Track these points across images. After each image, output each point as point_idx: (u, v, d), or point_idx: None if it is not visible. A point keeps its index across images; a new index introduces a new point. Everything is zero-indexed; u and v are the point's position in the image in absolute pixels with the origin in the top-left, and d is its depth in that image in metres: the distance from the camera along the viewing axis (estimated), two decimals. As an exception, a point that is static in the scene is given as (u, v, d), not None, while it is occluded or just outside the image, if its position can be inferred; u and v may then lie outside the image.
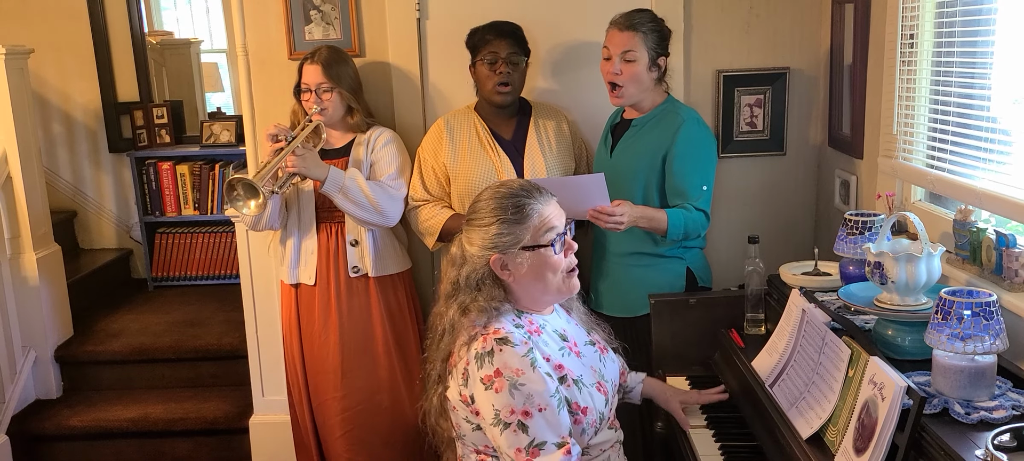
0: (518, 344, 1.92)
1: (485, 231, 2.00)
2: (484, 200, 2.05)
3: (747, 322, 2.66)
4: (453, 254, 2.08)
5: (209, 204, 4.95)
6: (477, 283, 2.01)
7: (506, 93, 2.99)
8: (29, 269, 3.96)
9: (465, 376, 1.96)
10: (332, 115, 3.05)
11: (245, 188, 2.78)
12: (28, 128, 4.03)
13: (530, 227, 1.99)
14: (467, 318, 1.99)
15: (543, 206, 2.02)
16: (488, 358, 1.92)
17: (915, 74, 2.58)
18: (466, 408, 1.98)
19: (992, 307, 1.77)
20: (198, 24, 6.04)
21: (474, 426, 2.00)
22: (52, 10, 4.96)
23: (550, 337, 2.06)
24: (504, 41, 2.97)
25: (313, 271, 3.12)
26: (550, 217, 2.02)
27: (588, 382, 2.05)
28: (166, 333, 4.22)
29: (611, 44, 2.80)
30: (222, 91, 5.86)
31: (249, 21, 3.35)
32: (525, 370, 1.90)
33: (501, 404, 1.90)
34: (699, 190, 2.83)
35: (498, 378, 1.90)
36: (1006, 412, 1.75)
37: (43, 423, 3.84)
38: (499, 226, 1.99)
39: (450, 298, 2.05)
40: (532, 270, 2.01)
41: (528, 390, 1.89)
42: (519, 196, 2.02)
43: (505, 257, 1.99)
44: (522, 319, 2.03)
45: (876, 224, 2.38)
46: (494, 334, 1.94)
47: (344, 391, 3.18)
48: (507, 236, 1.98)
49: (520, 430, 1.89)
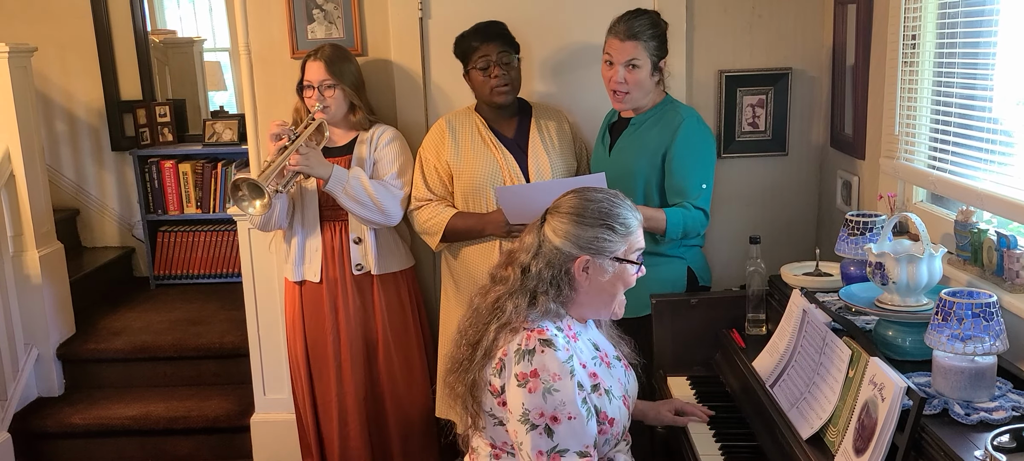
0: (560, 349, 1.93)
1: (582, 229, 1.99)
2: (586, 199, 2.03)
3: (748, 322, 2.66)
4: (528, 242, 2.04)
5: (211, 203, 4.96)
6: (552, 278, 1.99)
7: (506, 93, 2.99)
8: (32, 267, 3.97)
9: (500, 366, 1.96)
10: (335, 112, 3.05)
11: (250, 188, 2.78)
12: (31, 126, 4.04)
13: (628, 241, 2.03)
14: (533, 309, 1.98)
15: (639, 226, 2.07)
16: (528, 356, 1.92)
17: (917, 75, 2.58)
18: (493, 399, 1.98)
19: (992, 308, 1.77)
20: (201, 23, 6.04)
21: (496, 421, 2.00)
22: (55, 8, 4.97)
23: (585, 345, 2.06)
24: (492, 44, 2.95)
25: (317, 269, 3.12)
26: (640, 238, 2.07)
27: (617, 394, 2.06)
28: (168, 331, 4.23)
29: (614, 53, 2.79)
30: (225, 90, 5.86)
31: (252, 20, 3.35)
32: (563, 376, 1.91)
33: (532, 404, 1.90)
34: (699, 188, 2.83)
35: (533, 379, 1.90)
36: (1006, 413, 1.75)
37: (45, 421, 3.85)
38: (602, 230, 1.99)
39: (519, 283, 2.00)
40: (610, 281, 2.03)
41: (561, 397, 1.90)
42: (624, 207, 2.04)
43: (593, 261, 2.00)
44: (563, 323, 2.02)
45: (877, 225, 2.38)
46: (538, 333, 1.93)
47: (347, 388, 3.19)
48: (607, 242, 2.00)
49: (546, 434, 1.90)
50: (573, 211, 2.01)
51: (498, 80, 2.95)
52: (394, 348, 3.19)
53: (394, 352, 3.19)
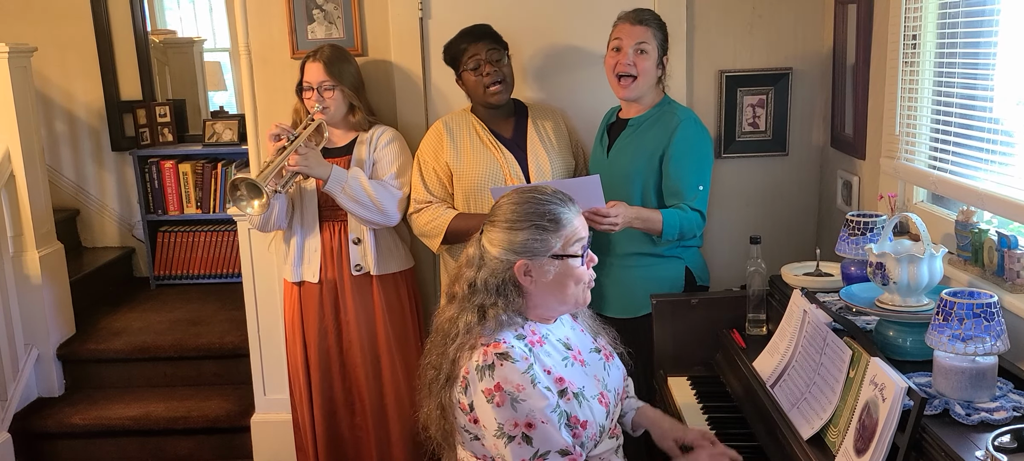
0: (518, 359, 1.91)
1: (514, 235, 1.96)
2: (514, 203, 2.00)
3: (749, 323, 2.66)
4: (470, 255, 2.03)
5: (211, 203, 4.96)
6: (497, 287, 1.96)
7: (500, 90, 2.98)
8: (32, 267, 3.97)
9: (465, 384, 1.95)
10: (334, 113, 3.05)
11: (248, 188, 2.78)
12: (31, 127, 4.04)
13: (562, 235, 1.97)
14: (485, 324, 1.95)
15: (574, 216, 2.01)
16: (488, 372, 1.90)
17: (917, 75, 2.57)
18: (465, 416, 1.97)
19: (993, 308, 1.77)
20: (201, 23, 6.05)
21: (472, 436, 1.99)
22: (55, 9, 4.97)
23: (553, 347, 2.03)
24: (480, 43, 2.96)
25: (316, 269, 3.12)
26: (578, 228, 2.01)
27: (590, 394, 2.02)
28: (168, 331, 4.23)
29: (624, 36, 2.81)
30: (225, 90, 5.86)
31: (252, 20, 3.35)
32: (525, 386, 1.89)
33: (504, 418, 1.89)
34: (695, 189, 2.83)
35: (499, 392, 1.89)
36: (1007, 413, 1.75)
37: (45, 421, 3.85)
38: (532, 231, 1.96)
39: (466, 300, 1.99)
40: (556, 279, 1.98)
41: (529, 405, 1.89)
42: (553, 203, 1.99)
43: (531, 263, 1.96)
44: (525, 329, 2.00)
45: (878, 225, 2.38)
46: (494, 348, 1.91)
47: (346, 389, 3.19)
48: (539, 242, 1.95)
49: (524, 442, 1.90)
50: (504, 218, 1.99)
51: (490, 77, 2.95)
52: (395, 349, 3.19)
53: (395, 353, 3.19)
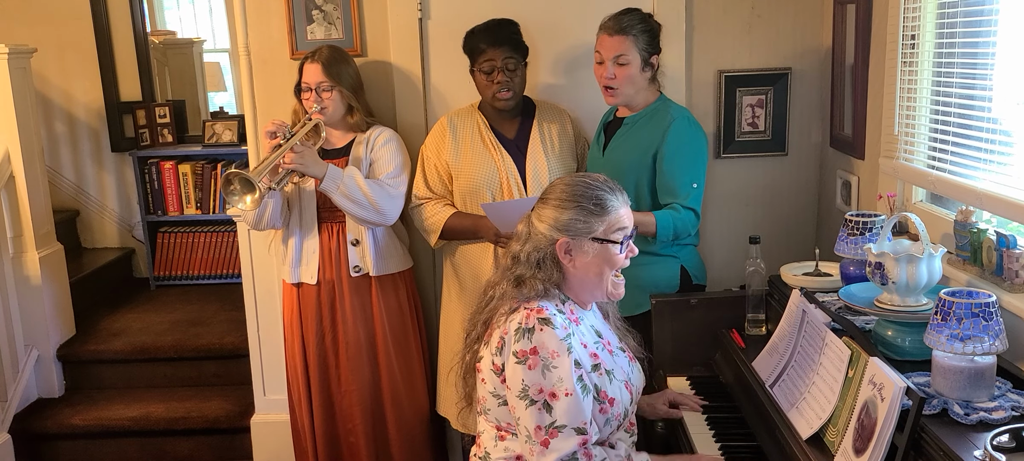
0: (558, 327, 1.98)
1: (561, 213, 2.05)
2: (566, 185, 2.09)
3: (748, 322, 2.66)
4: (519, 231, 2.12)
5: (211, 203, 4.96)
6: (538, 262, 2.05)
7: (507, 99, 2.99)
8: (32, 268, 3.97)
9: (500, 345, 2.02)
10: (332, 114, 3.05)
11: (242, 182, 2.78)
12: (31, 127, 4.05)
13: (605, 221, 2.05)
14: (519, 291, 2.04)
15: (621, 207, 2.09)
16: (528, 334, 1.97)
17: (916, 75, 2.58)
18: (495, 378, 2.03)
19: (991, 308, 1.77)
20: (201, 24, 6.05)
21: (500, 401, 2.04)
22: (55, 10, 4.97)
23: (587, 330, 2.11)
24: (499, 49, 2.96)
25: (315, 270, 3.12)
26: (623, 217, 2.09)
27: (619, 377, 2.10)
28: (168, 332, 4.23)
29: (602, 49, 2.81)
30: (224, 91, 5.87)
31: (251, 21, 3.35)
32: (561, 354, 1.96)
33: (531, 381, 1.95)
34: (689, 188, 2.83)
35: (533, 356, 1.95)
36: (1005, 413, 1.75)
37: (45, 422, 3.85)
38: (577, 212, 2.04)
39: (508, 270, 2.09)
40: (594, 262, 2.06)
41: (559, 373, 1.95)
42: (602, 189, 2.08)
43: (573, 243, 2.04)
44: (565, 307, 2.08)
45: (877, 225, 2.38)
46: (537, 313, 1.99)
47: (346, 390, 3.19)
48: (582, 223, 2.04)
49: (544, 410, 1.95)
50: (556, 197, 2.08)
51: (500, 86, 2.96)
52: (393, 349, 3.19)
53: (393, 354, 3.19)
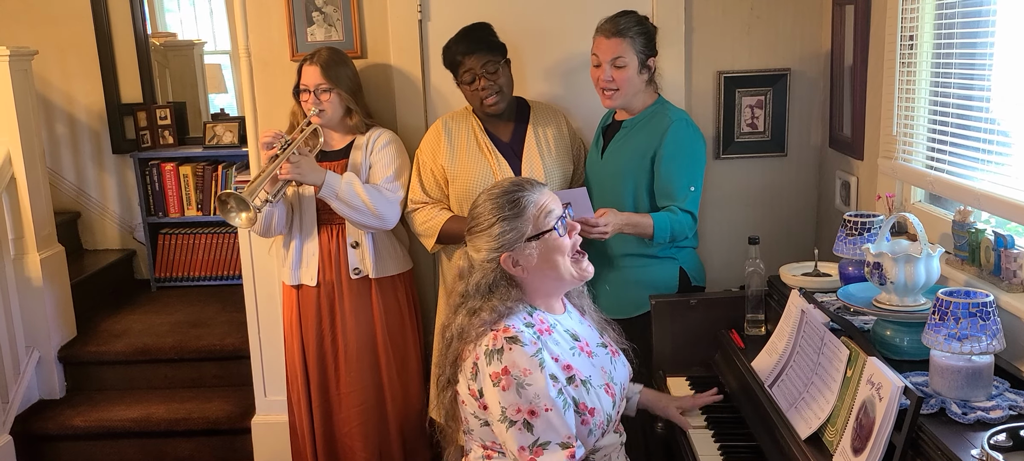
0: (527, 344, 1.95)
1: (488, 234, 2.03)
2: (480, 206, 2.07)
3: (747, 323, 2.67)
4: (461, 267, 2.10)
5: (212, 205, 4.96)
6: (489, 287, 2.03)
7: (497, 101, 2.98)
8: (33, 270, 3.98)
9: (474, 371, 1.99)
10: (331, 116, 3.05)
11: (237, 201, 2.79)
12: (32, 130, 4.05)
13: (530, 218, 2.03)
14: (477, 319, 2.01)
15: (537, 195, 2.06)
16: (497, 355, 1.94)
17: (915, 75, 2.58)
18: (475, 402, 2.00)
19: (989, 307, 1.77)
20: (201, 26, 6.06)
21: (482, 422, 2.02)
22: (56, 12, 4.98)
23: (561, 336, 2.07)
24: (475, 56, 2.94)
25: (314, 272, 3.13)
26: (546, 203, 2.06)
27: (597, 384, 2.06)
28: (169, 333, 4.23)
29: (599, 52, 2.82)
30: (225, 92, 5.88)
31: (252, 23, 3.36)
32: (533, 370, 1.93)
33: (508, 402, 1.92)
34: (686, 191, 2.83)
35: (505, 376, 1.92)
36: (1003, 412, 1.76)
37: (46, 423, 3.86)
38: (501, 225, 2.02)
39: (459, 307, 2.07)
40: (542, 258, 2.03)
41: (535, 390, 1.92)
42: (512, 191, 2.05)
43: (514, 253, 2.02)
44: (534, 318, 2.04)
45: (875, 225, 2.39)
46: (504, 332, 1.96)
47: (345, 392, 3.19)
48: (511, 232, 2.01)
49: (525, 429, 1.92)
50: (478, 224, 2.06)
51: (486, 92, 2.95)
52: (392, 351, 3.20)
53: (392, 355, 3.20)
